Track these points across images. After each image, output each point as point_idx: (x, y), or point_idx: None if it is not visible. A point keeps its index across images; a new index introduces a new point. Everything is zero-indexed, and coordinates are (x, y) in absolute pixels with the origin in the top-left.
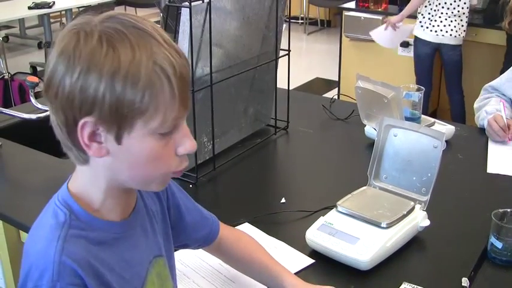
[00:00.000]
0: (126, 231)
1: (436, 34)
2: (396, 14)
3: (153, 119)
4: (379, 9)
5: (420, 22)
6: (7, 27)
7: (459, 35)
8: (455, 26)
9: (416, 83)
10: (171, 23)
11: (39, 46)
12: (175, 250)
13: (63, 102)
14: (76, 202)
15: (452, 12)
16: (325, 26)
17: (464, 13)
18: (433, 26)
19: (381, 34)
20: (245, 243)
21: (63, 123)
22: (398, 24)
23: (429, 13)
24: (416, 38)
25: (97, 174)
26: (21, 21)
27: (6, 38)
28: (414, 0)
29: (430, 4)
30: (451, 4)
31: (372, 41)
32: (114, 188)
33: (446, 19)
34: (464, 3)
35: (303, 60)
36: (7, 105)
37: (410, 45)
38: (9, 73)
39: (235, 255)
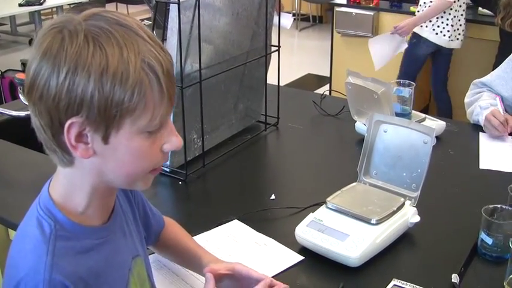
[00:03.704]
0: (108, 234)
1: (450, 39)
2: (388, 10)
3: (141, 117)
4: (370, 5)
5: (433, 25)
6: None
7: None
8: (463, 30)
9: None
10: (159, 19)
11: (30, 43)
12: None
13: (48, 104)
14: (60, 211)
15: (462, 16)
16: (317, 22)
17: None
18: (448, 30)
19: (379, 45)
20: (174, 230)
21: (47, 125)
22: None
23: (452, 19)
24: (421, 39)
25: (82, 175)
26: (12, 18)
27: None
28: (438, 7)
29: (451, 10)
30: (463, 10)
31: (363, 36)
32: (99, 189)
33: (461, 25)
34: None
35: (295, 56)
36: None
37: None
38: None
39: (167, 244)
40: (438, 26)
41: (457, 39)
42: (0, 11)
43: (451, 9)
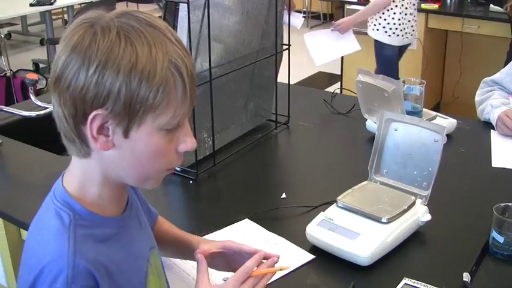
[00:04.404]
0: (125, 225)
1: (403, 38)
2: None
3: (163, 115)
4: None
5: (384, 28)
6: (9, 24)
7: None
8: (412, 26)
9: None
10: (169, 18)
11: (42, 43)
12: None
13: (75, 94)
14: (76, 201)
15: (412, 11)
16: (328, 19)
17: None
18: (401, 30)
19: (317, 41)
20: (163, 223)
21: (71, 115)
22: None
23: (399, 19)
24: (381, 44)
25: (96, 167)
26: (23, 18)
27: (8, 35)
28: (378, 4)
29: (396, 7)
30: (413, 4)
31: None
32: (111, 182)
33: (415, 20)
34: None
35: (305, 55)
36: (9, 102)
37: None
38: (11, 70)
39: (158, 237)
40: (390, 28)
41: (411, 34)
42: (11, 11)
43: (395, 6)
